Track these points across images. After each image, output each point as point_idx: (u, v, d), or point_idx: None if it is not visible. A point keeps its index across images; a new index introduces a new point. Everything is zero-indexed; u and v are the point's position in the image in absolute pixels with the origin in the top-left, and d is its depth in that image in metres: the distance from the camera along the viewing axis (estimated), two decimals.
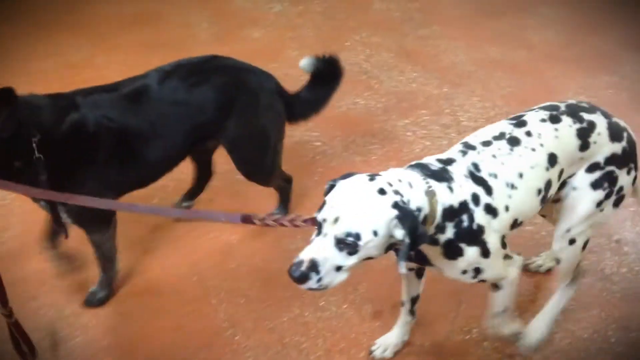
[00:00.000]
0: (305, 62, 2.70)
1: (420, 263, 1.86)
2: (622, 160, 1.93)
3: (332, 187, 1.61)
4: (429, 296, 2.23)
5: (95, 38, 4.60)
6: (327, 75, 2.74)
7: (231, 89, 2.46)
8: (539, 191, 1.83)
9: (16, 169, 2.02)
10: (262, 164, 2.68)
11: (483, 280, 1.85)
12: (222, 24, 4.93)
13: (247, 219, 1.79)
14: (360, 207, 1.52)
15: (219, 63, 2.54)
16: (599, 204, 1.95)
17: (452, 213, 1.67)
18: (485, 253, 1.75)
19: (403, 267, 1.56)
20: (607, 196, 1.95)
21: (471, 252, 1.73)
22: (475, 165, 1.75)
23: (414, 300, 2.18)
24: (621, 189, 1.96)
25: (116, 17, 5.00)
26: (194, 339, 2.38)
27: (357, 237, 1.50)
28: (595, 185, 1.93)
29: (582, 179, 1.94)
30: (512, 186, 1.77)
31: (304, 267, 1.53)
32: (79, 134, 2.15)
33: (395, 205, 1.53)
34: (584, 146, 1.88)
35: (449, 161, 1.76)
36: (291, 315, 2.47)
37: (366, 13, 5.13)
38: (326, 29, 4.85)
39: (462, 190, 1.69)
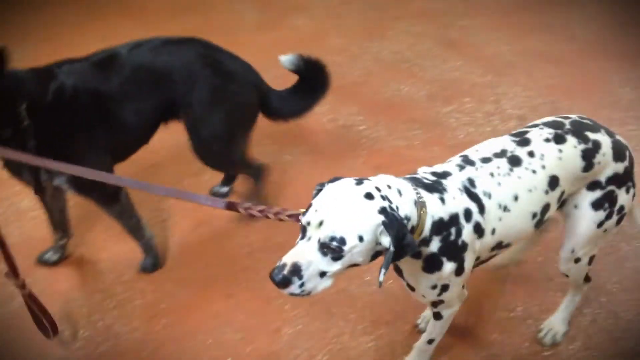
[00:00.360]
0: (285, 59, 2.61)
1: (397, 273, 1.83)
2: (622, 179, 1.89)
3: (320, 190, 1.55)
4: (472, 275, 2.28)
5: (146, 24, 4.75)
6: (313, 82, 2.70)
7: (200, 65, 2.46)
8: (534, 215, 1.78)
9: (4, 138, 2.08)
10: (215, 151, 2.62)
11: (442, 301, 1.82)
12: (268, 11, 5.04)
13: (231, 206, 1.75)
14: (345, 211, 1.46)
15: (196, 42, 2.56)
16: (600, 225, 1.91)
17: (442, 226, 1.62)
18: (459, 271, 1.71)
19: (382, 276, 1.48)
20: (608, 217, 1.91)
21: (448, 268, 1.68)
22: (471, 181, 1.70)
23: None
24: (622, 208, 1.92)
25: (166, 4, 5.16)
26: (245, 306, 2.48)
27: (342, 242, 1.43)
28: (595, 205, 1.89)
29: (583, 197, 1.89)
30: (505, 208, 1.72)
31: (285, 271, 1.46)
32: (61, 100, 2.22)
33: (382, 211, 1.46)
34: (588, 167, 1.82)
35: (444, 174, 1.70)
36: (338, 289, 2.54)
37: (408, 3, 5.18)
38: (368, 17, 4.91)
39: (454, 202, 1.64)
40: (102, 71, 2.35)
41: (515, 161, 1.75)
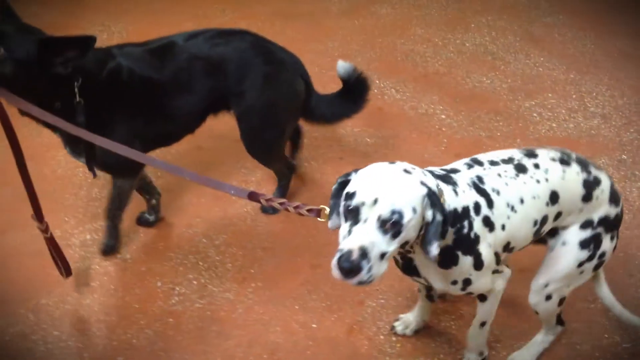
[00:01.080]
0: (342, 65, 2.70)
1: (406, 272, 1.85)
2: (611, 225, 1.93)
3: (342, 183, 1.61)
4: None
5: (237, 5, 4.88)
6: (354, 96, 2.76)
7: (253, 55, 2.52)
8: (535, 223, 1.82)
9: (55, 109, 2.15)
10: (266, 140, 2.68)
11: (470, 293, 1.85)
12: None
13: (253, 196, 1.79)
14: (396, 185, 1.50)
15: (247, 34, 2.63)
16: (580, 265, 1.93)
17: (455, 218, 1.66)
18: (478, 265, 1.74)
19: (436, 249, 1.53)
20: (590, 259, 1.93)
21: (465, 262, 1.72)
22: (480, 178, 1.76)
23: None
24: (603, 254, 1.94)
25: None
26: (330, 278, 2.50)
27: (401, 215, 1.46)
28: (583, 244, 1.91)
29: (574, 235, 1.91)
30: (512, 208, 1.76)
31: (355, 257, 1.44)
32: (115, 82, 2.31)
33: (423, 183, 1.54)
34: (587, 197, 1.86)
35: (454, 170, 1.77)
36: None
37: None
38: (452, 10, 4.92)
39: (465, 195, 1.69)
40: (158, 59, 2.43)
41: (521, 168, 1.82)
